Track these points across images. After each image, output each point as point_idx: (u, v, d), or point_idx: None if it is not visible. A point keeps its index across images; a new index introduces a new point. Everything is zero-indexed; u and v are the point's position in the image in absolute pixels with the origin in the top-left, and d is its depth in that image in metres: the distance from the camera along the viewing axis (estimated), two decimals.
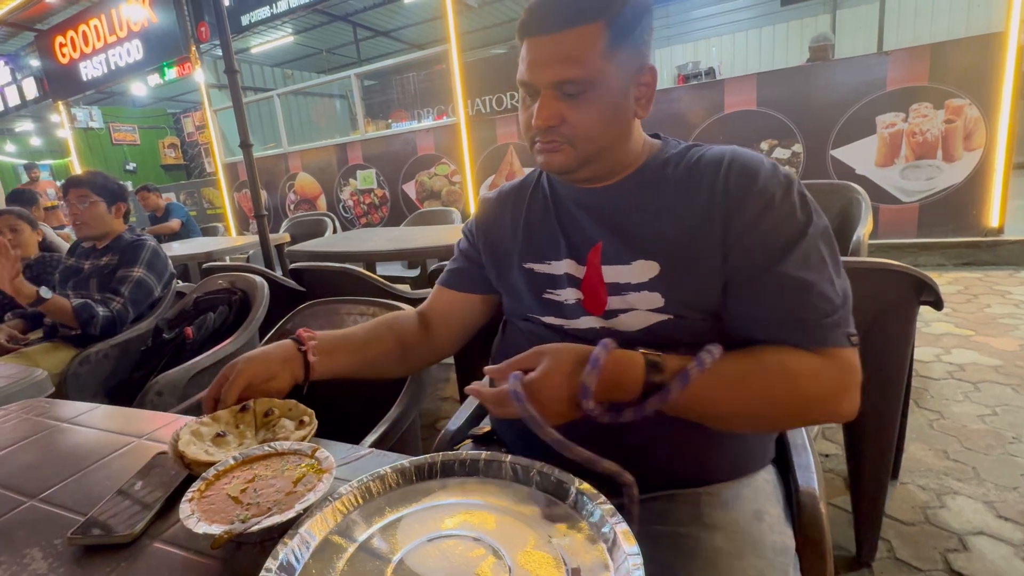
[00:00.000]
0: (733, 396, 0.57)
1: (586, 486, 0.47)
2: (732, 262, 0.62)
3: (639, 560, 0.38)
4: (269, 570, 0.40)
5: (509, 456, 0.53)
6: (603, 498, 0.45)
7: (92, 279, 1.77)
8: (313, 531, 0.46)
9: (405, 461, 0.53)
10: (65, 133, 7.58)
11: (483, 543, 0.43)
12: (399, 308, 1.03)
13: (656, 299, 0.65)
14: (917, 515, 1.32)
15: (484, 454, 0.53)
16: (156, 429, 0.77)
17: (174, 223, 4.44)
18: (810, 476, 0.69)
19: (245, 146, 2.55)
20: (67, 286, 1.80)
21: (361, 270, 1.62)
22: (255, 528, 0.45)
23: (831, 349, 0.58)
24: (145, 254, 1.79)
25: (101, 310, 1.65)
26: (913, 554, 1.21)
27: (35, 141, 11.09)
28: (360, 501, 0.50)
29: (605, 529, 0.42)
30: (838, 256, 0.62)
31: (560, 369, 0.56)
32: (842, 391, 0.58)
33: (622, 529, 0.41)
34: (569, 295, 0.71)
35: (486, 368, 0.60)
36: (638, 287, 0.66)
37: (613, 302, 0.67)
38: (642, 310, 0.66)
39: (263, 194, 3.24)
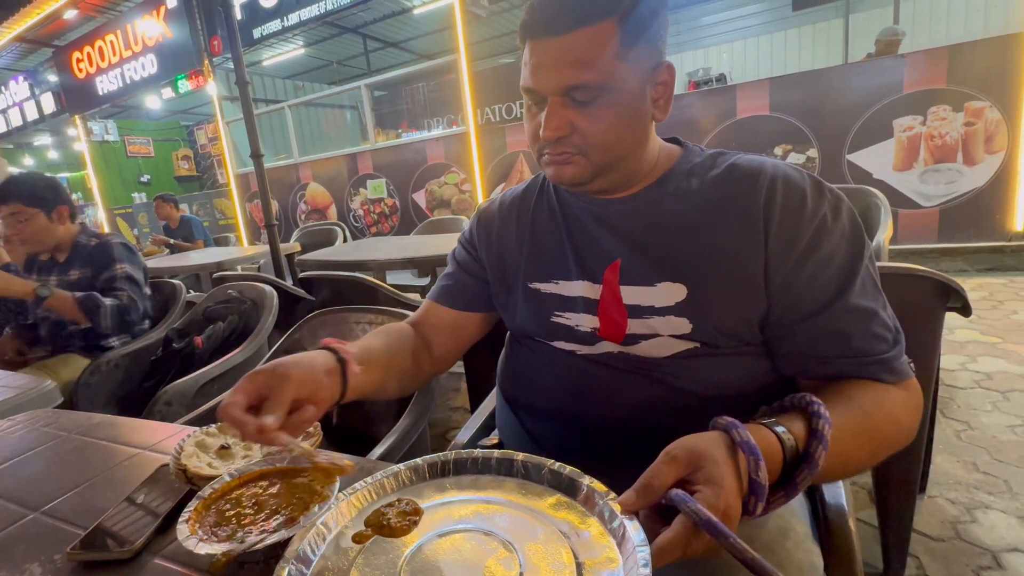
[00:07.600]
0: (859, 448, 0.52)
1: (596, 483, 0.47)
2: (790, 296, 0.57)
3: (647, 552, 0.38)
4: (287, 560, 0.41)
5: (521, 454, 0.52)
6: (613, 495, 0.45)
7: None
8: (328, 524, 0.46)
9: (418, 459, 0.53)
10: (81, 146, 7.74)
11: (494, 536, 0.44)
12: (406, 316, 1.01)
13: (683, 325, 0.60)
14: (947, 530, 1.27)
15: (496, 452, 0.52)
16: (161, 440, 0.75)
17: (199, 244, 4.36)
18: (838, 492, 0.66)
19: (256, 156, 2.57)
20: (40, 307, 1.63)
21: (370, 279, 1.61)
22: (259, 546, 0.43)
23: (906, 380, 0.57)
24: (116, 252, 1.68)
25: (107, 299, 1.56)
26: (944, 571, 1.16)
27: (52, 155, 11.36)
28: (374, 497, 0.50)
29: (615, 524, 0.42)
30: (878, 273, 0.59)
31: (729, 474, 0.43)
32: (919, 417, 0.57)
33: (631, 524, 0.41)
34: (583, 321, 0.66)
35: (622, 500, 0.44)
36: (662, 311, 0.61)
37: (634, 326, 0.63)
38: (666, 336, 0.61)
39: (274, 204, 3.26)
